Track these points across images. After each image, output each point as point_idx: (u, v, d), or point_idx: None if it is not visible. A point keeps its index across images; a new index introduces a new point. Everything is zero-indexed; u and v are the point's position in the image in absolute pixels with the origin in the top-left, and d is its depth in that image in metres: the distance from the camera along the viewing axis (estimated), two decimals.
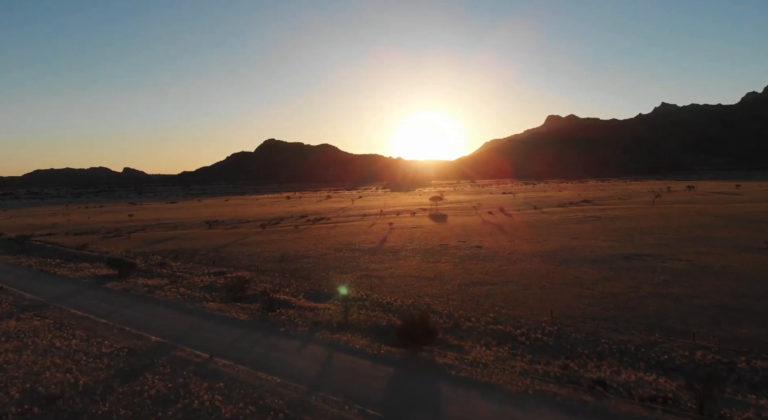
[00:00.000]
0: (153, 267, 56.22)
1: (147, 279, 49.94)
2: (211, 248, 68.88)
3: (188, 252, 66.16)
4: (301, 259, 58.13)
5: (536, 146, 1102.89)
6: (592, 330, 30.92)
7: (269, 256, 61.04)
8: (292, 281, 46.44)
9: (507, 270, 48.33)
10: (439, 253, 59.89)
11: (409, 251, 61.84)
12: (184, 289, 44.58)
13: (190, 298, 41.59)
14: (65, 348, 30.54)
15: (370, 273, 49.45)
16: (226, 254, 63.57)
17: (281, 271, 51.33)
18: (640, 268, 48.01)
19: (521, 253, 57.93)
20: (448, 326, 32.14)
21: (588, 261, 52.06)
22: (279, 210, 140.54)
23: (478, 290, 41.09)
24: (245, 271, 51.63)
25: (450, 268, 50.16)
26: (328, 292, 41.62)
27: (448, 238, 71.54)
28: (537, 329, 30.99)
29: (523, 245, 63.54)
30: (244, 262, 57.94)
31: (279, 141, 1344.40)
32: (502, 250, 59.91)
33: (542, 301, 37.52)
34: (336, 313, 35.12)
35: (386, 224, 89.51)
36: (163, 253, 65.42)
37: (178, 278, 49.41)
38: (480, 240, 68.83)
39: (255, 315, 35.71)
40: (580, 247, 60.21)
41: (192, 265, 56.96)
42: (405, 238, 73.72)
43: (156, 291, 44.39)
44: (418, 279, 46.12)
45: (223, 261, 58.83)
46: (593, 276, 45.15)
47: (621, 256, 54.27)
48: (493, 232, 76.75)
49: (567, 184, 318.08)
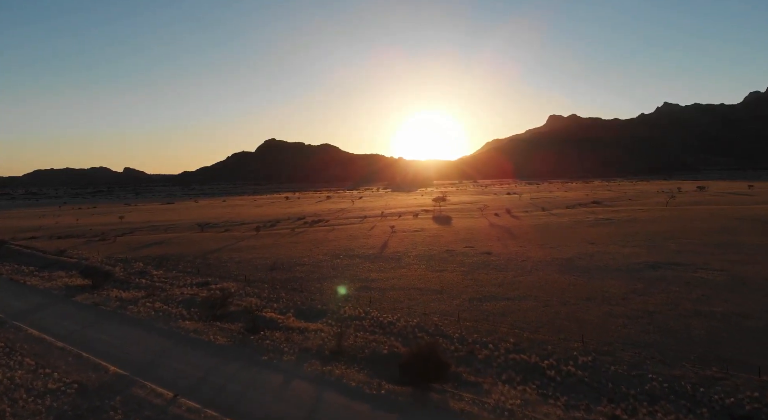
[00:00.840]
0: (132, 276, 51.39)
1: (122, 291, 45.10)
2: (198, 254, 64.08)
3: (174, 258, 61.35)
4: (295, 268, 53.26)
5: (538, 146, 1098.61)
6: (633, 361, 25.99)
7: (260, 264, 56.17)
8: (282, 294, 41.58)
9: (522, 281, 43.41)
10: (445, 260, 55.01)
11: (412, 258, 56.96)
12: (160, 303, 39.73)
13: (165, 315, 36.74)
14: (5, 382, 25.68)
15: (370, 284, 44.59)
16: (214, 261, 58.74)
17: (271, 282, 46.46)
18: (671, 280, 43.07)
19: (535, 260, 53.01)
20: (461, 355, 27.22)
21: (611, 270, 47.10)
22: (276, 211, 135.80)
23: (493, 306, 36.19)
24: (231, 282, 46.76)
25: (458, 279, 45.26)
26: (322, 308, 36.72)
27: (453, 243, 66.64)
28: (568, 359, 26.07)
29: (536, 251, 58.62)
30: (232, 270, 53.07)
31: (280, 141, 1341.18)
32: (513, 257, 55.00)
33: (568, 321, 32.62)
34: (329, 336, 30.21)
35: (387, 227, 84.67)
36: (146, 260, 60.60)
37: (157, 290, 44.56)
38: (488, 245, 63.90)
39: (235, 338, 30.81)
40: (599, 254, 55.25)
41: (175, 274, 52.10)
42: (407, 242, 68.85)
43: (129, 306, 39.55)
44: (423, 292, 41.24)
45: (210, 269, 53.99)
46: (620, 289, 40.24)
47: (646, 264, 49.29)
48: (502, 236, 71.81)
49: (572, 185, 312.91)
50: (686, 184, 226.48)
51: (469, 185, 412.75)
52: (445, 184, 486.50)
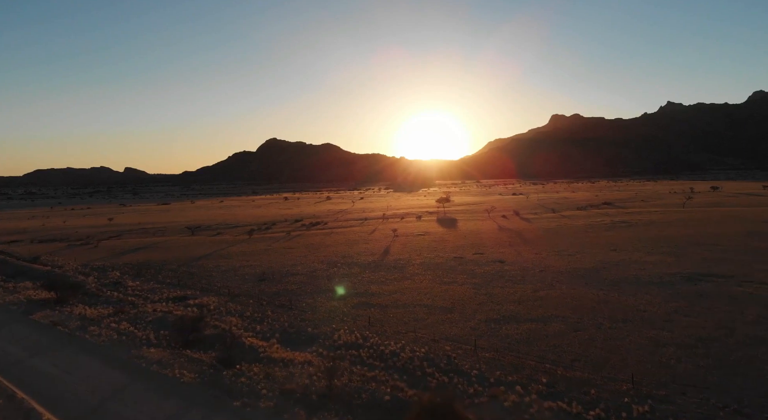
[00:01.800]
0: (104, 288, 46.15)
1: (89, 306, 39.82)
2: (183, 261, 58.87)
3: (156, 266, 56.14)
4: (286, 278, 47.95)
5: (541, 146, 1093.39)
6: (705, 413, 20.59)
7: (249, 273, 50.88)
8: (268, 312, 36.28)
9: (544, 297, 37.99)
10: (454, 269, 49.67)
11: (417, 267, 51.63)
12: (127, 324, 34.47)
13: (129, 339, 31.46)
14: None
15: (370, 299, 39.29)
16: (199, 269, 53.50)
17: (258, 296, 41.19)
18: (715, 295, 37.68)
19: (555, 270, 47.62)
20: (482, 400, 21.89)
21: (643, 284, 41.72)
22: (273, 213, 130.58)
23: (514, 331, 30.81)
24: (213, 296, 41.47)
25: (470, 294, 39.89)
26: (312, 332, 31.36)
27: (462, 249, 61.32)
28: (619, 409, 20.51)
29: (554, 259, 53.23)
30: (216, 281, 47.77)
31: (281, 140, 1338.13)
32: (530, 267, 49.60)
33: (607, 352, 27.21)
34: (318, 372, 24.91)
35: (389, 231, 79.34)
36: (125, 268, 55.36)
37: (128, 306, 39.28)
38: (500, 252, 58.56)
39: (205, 374, 25.47)
40: (625, 263, 49.83)
41: (152, 285, 46.84)
42: (411, 248, 63.55)
43: (91, 327, 34.31)
44: (430, 310, 35.93)
45: (193, 279, 48.72)
46: (659, 307, 34.78)
47: (681, 276, 43.87)
48: (514, 241, 66.44)
49: (579, 185, 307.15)
50: (697, 185, 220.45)
51: (472, 185, 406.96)
52: (447, 184, 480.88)
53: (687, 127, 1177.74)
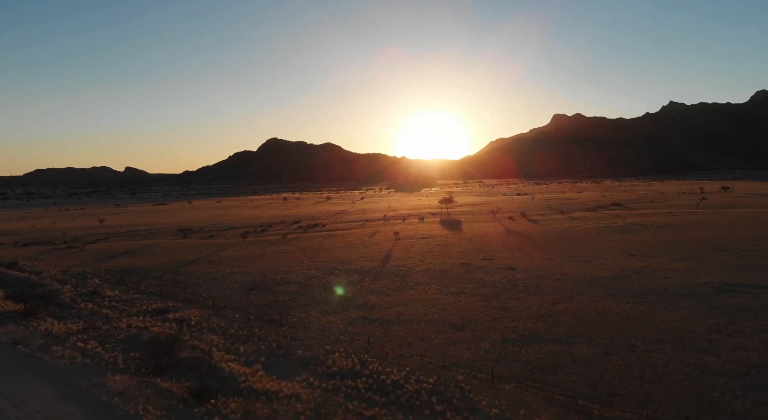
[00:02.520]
0: (79, 298, 42.32)
1: (58, 320, 35.99)
2: (170, 267, 55.04)
3: (140, 272, 52.31)
4: (279, 287, 44.08)
5: (542, 145, 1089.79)
6: None
7: (239, 281, 47.01)
8: (255, 329, 32.43)
9: (565, 312, 34.01)
10: (461, 277, 45.76)
11: (421, 274, 47.75)
12: (95, 343, 30.66)
13: (93, 363, 27.64)
14: None
15: (369, 313, 35.44)
16: (186, 277, 49.66)
17: (245, 309, 37.36)
18: (756, 309, 33.50)
19: (572, 279, 43.74)
20: None
21: (672, 295, 37.79)
22: (271, 214, 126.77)
23: (535, 354, 26.82)
24: (196, 309, 37.62)
25: (481, 307, 35.99)
26: (303, 354, 27.47)
27: (468, 254, 57.41)
28: None
29: (570, 266, 49.32)
30: (202, 290, 43.93)
31: (282, 140, 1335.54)
32: (544, 275, 45.70)
33: (648, 382, 23.13)
34: (307, 409, 21.06)
35: (391, 233, 75.47)
36: (107, 275, 51.50)
37: (101, 320, 35.48)
38: (510, 257, 54.63)
39: (172, 411, 21.46)
40: (648, 271, 45.85)
41: (133, 295, 43.03)
42: (415, 253, 59.68)
43: (54, 346, 30.50)
44: (438, 326, 32.07)
45: (177, 288, 44.89)
46: (697, 325, 30.60)
47: (712, 286, 39.95)
48: (524, 245, 62.53)
49: (583, 185, 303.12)
50: (705, 185, 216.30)
51: (475, 185, 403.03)
52: (449, 184, 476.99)
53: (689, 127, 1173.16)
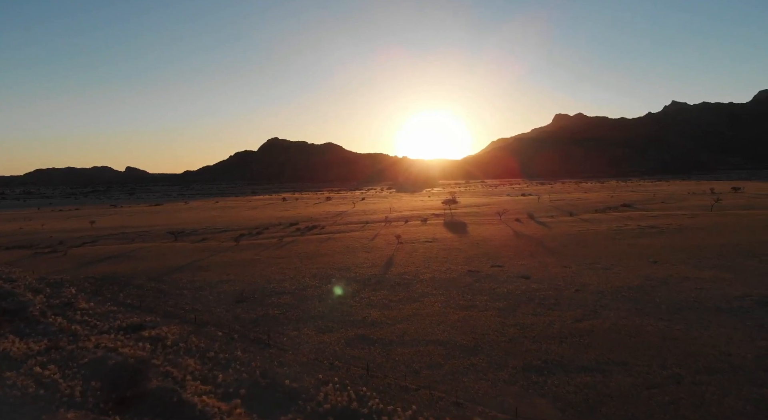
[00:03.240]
0: (50, 311, 38.40)
1: (20, 338, 32.07)
2: (155, 274, 51.14)
3: (122, 280, 48.45)
4: (270, 298, 40.15)
5: (544, 145, 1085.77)
6: None
7: (227, 291, 43.06)
8: (238, 351, 28.48)
9: (592, 331, 29.59)
10: (470, 287, 41.71)
11: (426, 283, 43.75)
12: (54, 367, 26.69)
13: (47, 394, 23.67)
14: None
15: (369, 331, 31.44)
16: (169, 286, 45.76)
17: (230, 325, 33.38)
18: None
19: (594, 289, 39.69)
20: None
21: (709, 310, 33.69)
22: (268, 215, 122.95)
23: (564, 387, 22.49)
24: (175, 325, 33.61)
25: (496, 323, 31.86)
26: (291, 386, 23.46)
27: (476, 260, 53.41)
28: None
29: (589, 274, 45.30)
30: (185, 302, 39.98)
31: (282, 140, 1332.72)
32: (562, 285, 41.68)
33: None
34: None
35: (392, 237, 71.50)
36: (85, 283, 47.51)
37: (67, 338, 31.55)
38: (522, 264, 50.61)
39: None
40: (675, 280, 41.75)
41: (109, 307, 39.14)
42: (418, 258, 55.74)
43: (8, 371, 26.50)
44: (447, 349, 27.99)
45: (159, 299, 40.97)
46: (748, 348, 26.23)
47: (752, 299, 35.65)
48: (535, 250, 58.51)
49: (588, 185, 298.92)
50: (714, 186, 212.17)
51: (478, 185, 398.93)
52: (451, 184, 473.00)
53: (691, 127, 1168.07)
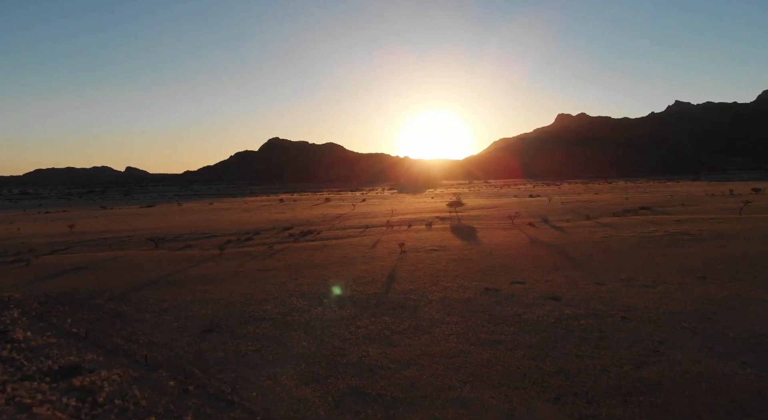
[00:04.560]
0: None
1: None
2: (120, 291, 44.00)
3: (79, 299, 41.32)
4: (245, 327, 32.74)
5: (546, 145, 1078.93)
6: None
7: (196, 315, 35.61)
8: (188, 413, 21.39)
9: (661, 384, 21.98)
10: (491, 312, 33.87)
11: (436, 306, 36.18)
12: None
13: None
14: None
15: (366, 381, 23.62)
16: (132, 307, 38.64)
17: (190, 367, 26.14)
18: None
19: (642, 316, 31.85)
20: None
21: None
22: (263, 218, 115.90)
23: None
24: (119, 367, 26.11)
25: (531, 370, 24.03)
26: None
27: (492, 274, 46.11)
28: None
29: (629, 294, 37.91)
30: (144, 330, 32.65)
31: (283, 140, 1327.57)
32: (601, 308, 33.93)
33: None
34: None
35: (395, 244, 64.27)
36: (35, 303, 39.91)
37: None
38: (546, 280, 43.21)
39: None
40: (739, 304, 33.58)
41: (48, 338, 31.82)
42: (425, 271, 48.50)
43: None
44: (475, 414, 20.36)
45: (112, 326, 33.67)
46: None
47: None
48: (558, 261, 51.16)
49: (596, 186, 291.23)
50: (729, 186, 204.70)
51: (481, 186, 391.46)
52: (454, 184, 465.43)
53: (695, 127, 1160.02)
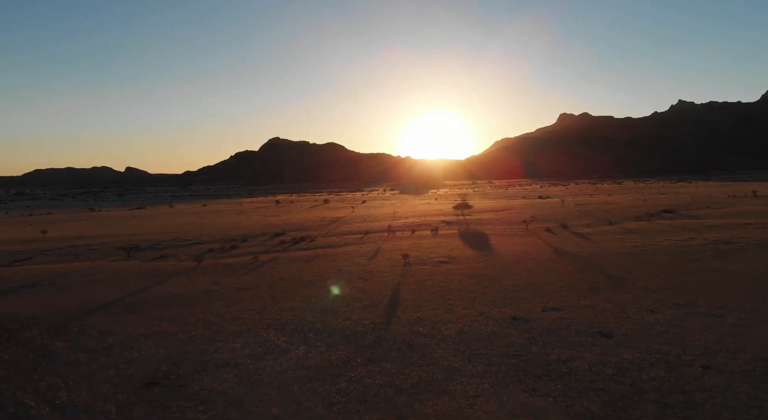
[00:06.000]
0: None
1: None
2: (63, 318, 35.90)
3: (10, 329, 33.05)
4: (200, 378, 23.42)
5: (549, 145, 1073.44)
6: None
7: (142, 358, 27.20)
8: None
9: None
10: (525, 357, 23.38)
11: (451, 346, 25.46)
12: None
13: None
14: None
15: None
16: (68, 343, 30.63)
17: None
18: None
19: (728, 365, 22.86)
20: None
21: None
22: (254, 222, 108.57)
23: None
24: None
25: None
26: None
27: (518, 297, 37.60)
28: None
29: (696, 328, 29.04)
30: (67, 383, 24.44)
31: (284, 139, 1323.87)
32: (669, 350, 23.59)
33: None
34: None
35: (398, 254, 56.00)
36: None
37: None
38: (586, 305, 34.56)
39: None
40: None
41: None
42: (434, 291, 40.25)
43: None
44: None
45: (28, 377, 25.34)
46: None
47: None
48: (593, 278, 42.97)
49: (606, 186, 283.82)
50: (750, 187, 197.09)
51: (485, 186, 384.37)
52: (456, 184, 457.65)
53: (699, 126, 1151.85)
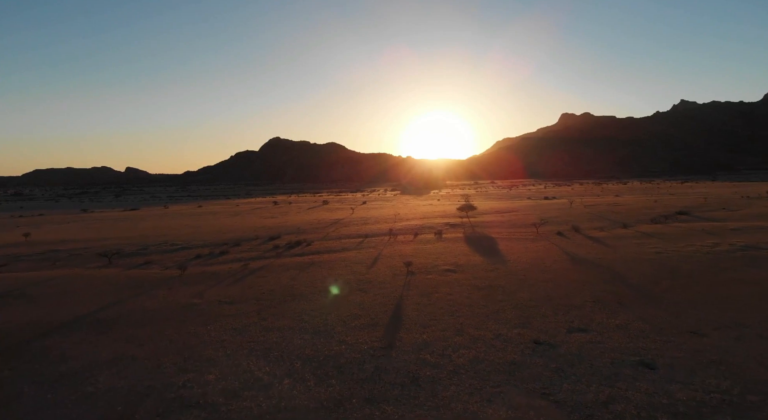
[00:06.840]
0: None
1: None
2: (23, 336, 31.10)
3: None
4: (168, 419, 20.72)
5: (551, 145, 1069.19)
6: None
7: (97, 395, 20.32)
8: None
9: None
10: (555, 393, 18.00)
11: (466, 380, 19.88)
12: None
13: None
14: None
15: None
16: (19, 370, 25.71)
17: None
18: None
19: None
20: None
21: None
22: (249, 224, 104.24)
23: None
24: None
25: None
26: None
27: (537, 314, 32.66)
28: None
29: (751, 354, 23.75)
30: None
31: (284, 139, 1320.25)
32: (725, 384, 18.03)
33: None
34: None
35: (400, 261, 51.39)
36: None
37: None
38: (616, 324, 29.51)
39: None
40: None
41: None
42: (441, 306, 35.56)
43: None
44: None
45: None
46: None
47: None
48: (619, 291, 38.32)
49: (612, 186, 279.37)
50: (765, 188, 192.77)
51: (488, 186, 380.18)
52: (459, 185, 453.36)
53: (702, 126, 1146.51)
